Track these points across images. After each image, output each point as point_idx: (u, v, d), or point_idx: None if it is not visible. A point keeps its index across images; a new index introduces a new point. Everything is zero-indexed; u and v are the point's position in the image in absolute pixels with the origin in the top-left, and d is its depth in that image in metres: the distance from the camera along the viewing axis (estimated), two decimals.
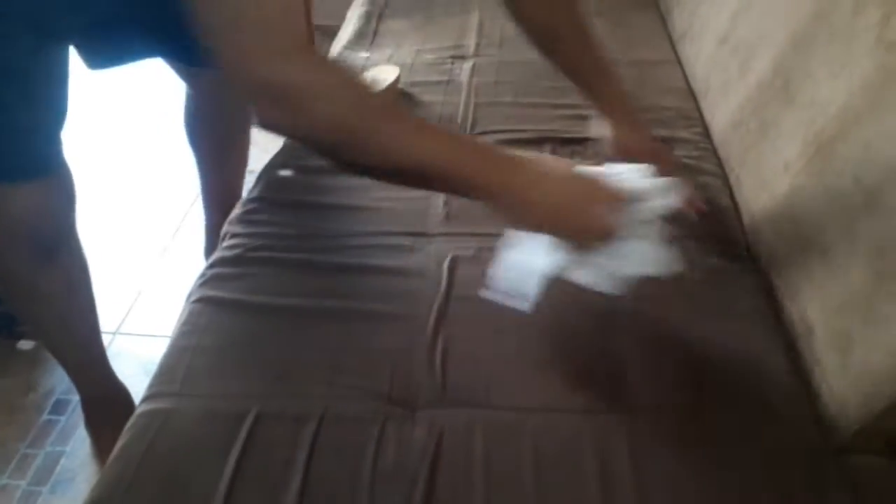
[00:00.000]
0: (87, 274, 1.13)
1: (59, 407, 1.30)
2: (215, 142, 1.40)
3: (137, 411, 0.77)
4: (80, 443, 1.24)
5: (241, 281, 0.91)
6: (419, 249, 0.96)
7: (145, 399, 0.78)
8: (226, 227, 1.02)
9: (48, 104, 0.93)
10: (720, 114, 1.18)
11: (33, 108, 0.91)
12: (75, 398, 1.26)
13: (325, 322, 0.85)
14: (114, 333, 1.43)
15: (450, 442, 0.72)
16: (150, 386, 0.80)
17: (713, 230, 0.98)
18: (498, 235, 0.96)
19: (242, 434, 0.72)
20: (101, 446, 1.21)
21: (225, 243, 0.98)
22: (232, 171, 1.49)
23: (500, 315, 0.85)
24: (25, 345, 1.40)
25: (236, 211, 1.05)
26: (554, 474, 0.70)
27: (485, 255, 0.93)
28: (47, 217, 1.00)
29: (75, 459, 1.21)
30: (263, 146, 1.94)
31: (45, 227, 1.00)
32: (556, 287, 0.88)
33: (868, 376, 0.71)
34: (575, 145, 1.14)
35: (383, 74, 1.27)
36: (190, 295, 0.91)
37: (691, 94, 1.30)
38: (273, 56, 0.59)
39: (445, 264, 0.92)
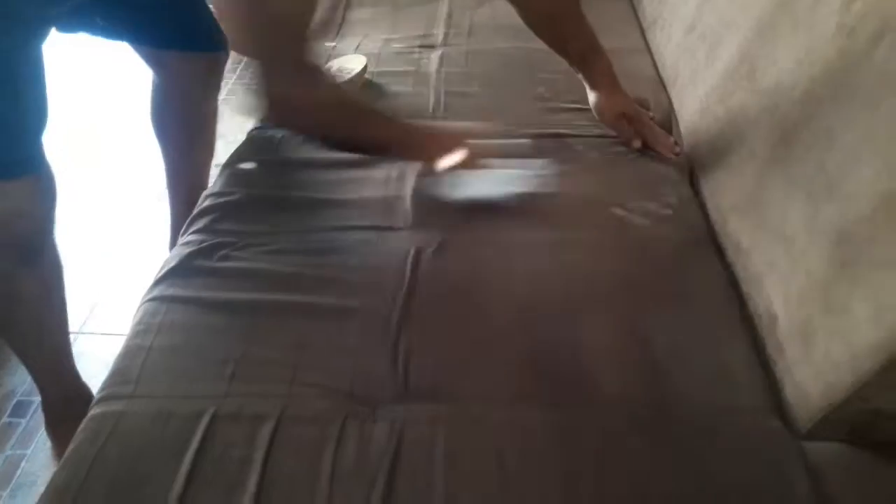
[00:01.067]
0: (61, 275, 1.11)
1: (20, 409, 1.27)
2: (182, 131, 1.37)
3: (89, 414, 0.75)
4: (41, 445, 1.21)
5: (199, 278, 0.89)
6: (384, 244, 0.94)
7: (98, 402, 0.76)
8: (186, 223, 1.00)
9: (33, 101, 0.92)
10: (688, 102, 1.18)
11: (20, 104, 0.90)
12: (37, 399, 1.23)
13: (285, 318, 0.84)
14: (77, 333, 1.39)
15: (411, 439, 0.70)
16: (103, 388, 0.77)
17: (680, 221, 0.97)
18: (460, 228, 0.95)
19: (198, 435, 0.70)
20: (63, 449, 1.18)
21: (183, 239, 0.96)
22: (199, 162, 1.45)
23: (462, 309, 0.84)
24: None
25: (198, 206, 1.02)
26: (517, 469, 0.69)
27: (449, 248, 0.92)
28: (32, 218, 0.98)
29: (37, 462, 1.19)
30: (231, 139, 1.91)
31: (29, 229, 0.99)
32: (518, 279, 0.88)
33: (829, 366, 0.70)
34: (545, 139, 1.12)
35: (350, 64, 1.24)
36: (146, 293, 0.89)
37: (661, 83, 1.29)
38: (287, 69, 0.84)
39: (409, 258, 0.90)
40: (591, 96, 1.15)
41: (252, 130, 1.17)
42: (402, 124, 0.97)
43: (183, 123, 1.35)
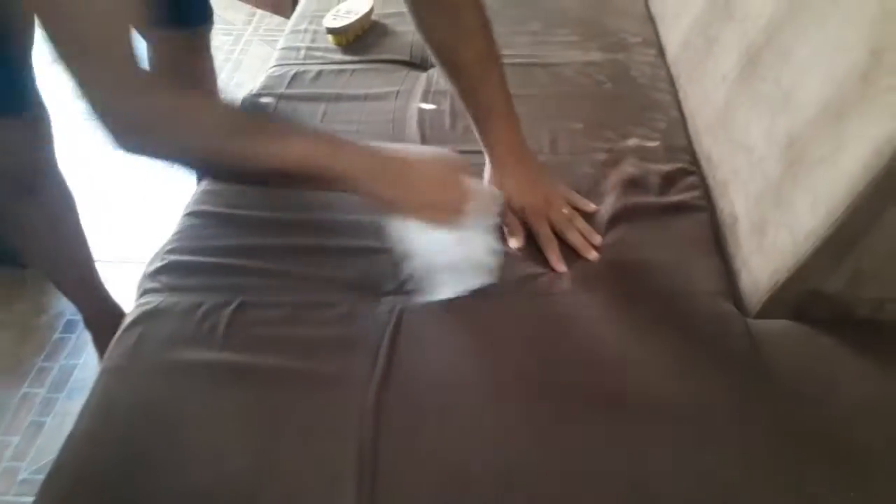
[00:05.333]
0: (71, 207, 1.18)
1: (70, 326, 1.41)
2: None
3: (133, 306, 0.87)
4: (91, 356, 1.35)
5: (230, 198, 1.00)
6: None
7: (139, 297, 0.88)
8: None
9: (16, 40, 0.93)
10: (673, 35, 1.25)
11: (3, 44, 0.91)
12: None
13: (304, 231, 0.94)
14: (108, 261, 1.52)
15: (409, 318, 0.82)
16: (140, 284, 0.89)
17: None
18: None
19: (225, 317, 0.82)
20: None
21: None
22: None
23: None
24: (34, 272, 1.50)
25: None
26: (502, 343, 0.80)
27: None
28: (22, 154, 1.04)
29: (88, 370, 1.33)
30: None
31: (20, 164, 1.05)
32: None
33: (776, 253, 0.81)
34: (536, 68, 1.21)
35: (357, 6, 1.33)
36: (185, 209, 1.01)
37: (650, 19, 1.36)
38: (123, 88, 0.63)
39: None
40: (487, 171, 0.94)
41: (271, 68, 1.27)
42: (348, 146, 0.73)
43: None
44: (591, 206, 0.96)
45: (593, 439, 0.71)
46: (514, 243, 0.90)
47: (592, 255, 0.89)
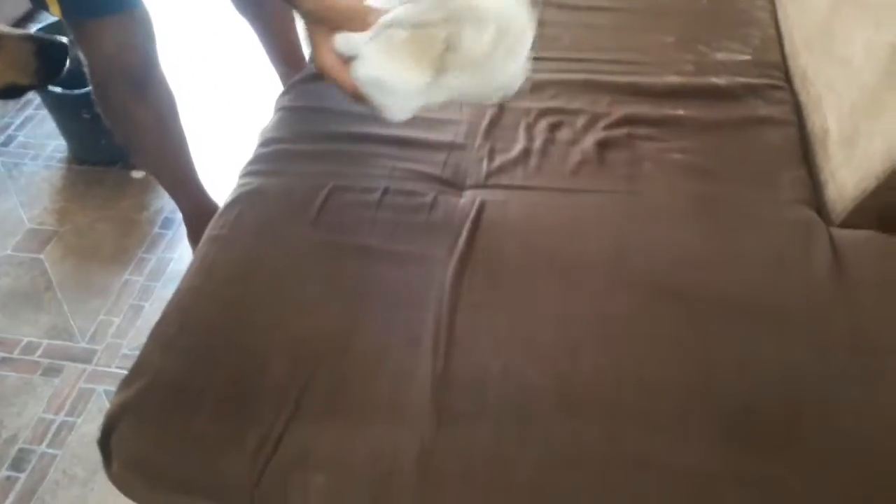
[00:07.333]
0: (174, 108, 1.25)
1: (167, 223, 1.51)
2: (258, 6, 1.46)
3: (236, 185, 0.93)
4: (185, 250, 1.45)
5: (318, 94, 1.04)
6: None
7: (240, 179, 0.94)
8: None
9: None
10: None
11: None
12: (180, 216, 1.47)
13: (392, 125, 0.97)
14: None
15: (489, 209, 0.85)
16: (242, 170, 0.95)
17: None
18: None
19: (320, 197, 0.87)
20: None
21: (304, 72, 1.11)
22: (284, 28, 1.57)
23: (540, 125, 0.97)
24: (137, 174, 1.61)
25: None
26: (579, 234, 0.82)
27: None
28: (132, 51, 1.11)
29: (182, 263, 1.43)
30: None
31: (131, 61, 1.12)
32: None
33: (865, 161, 0.79)
34: None
35: None
36: (277, 104, 1.06)
37: None
38: None
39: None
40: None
41: None
42: None
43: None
44: None
45: (660, 325, 0.73)
46: None
47: None
